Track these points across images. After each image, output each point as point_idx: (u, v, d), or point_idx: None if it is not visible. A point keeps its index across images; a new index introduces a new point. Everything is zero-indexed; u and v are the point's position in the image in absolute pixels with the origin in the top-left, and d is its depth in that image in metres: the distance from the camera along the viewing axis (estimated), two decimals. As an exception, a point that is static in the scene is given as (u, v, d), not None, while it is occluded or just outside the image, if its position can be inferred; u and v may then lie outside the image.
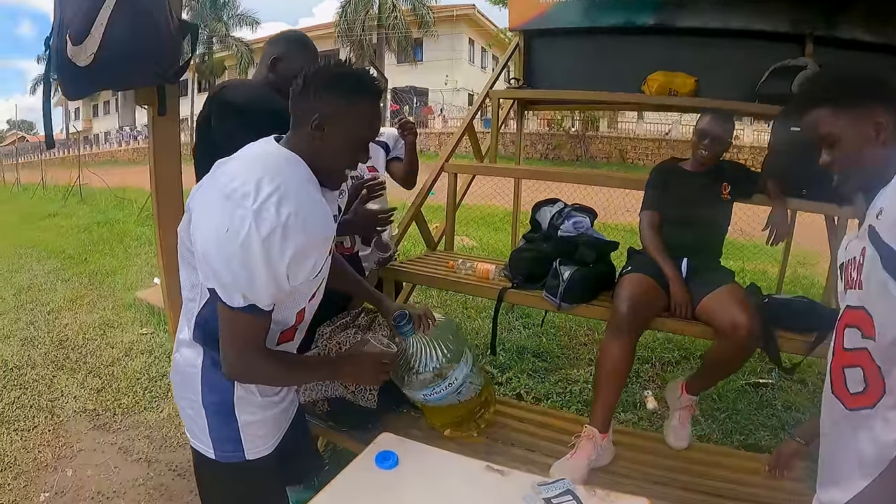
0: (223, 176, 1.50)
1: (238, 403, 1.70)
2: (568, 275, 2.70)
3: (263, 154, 1.57)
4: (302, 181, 1.53)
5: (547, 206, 3.10)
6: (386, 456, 1.78)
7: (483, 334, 5.09)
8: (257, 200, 1.40)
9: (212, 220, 1.45)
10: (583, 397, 3.92)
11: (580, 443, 2.45)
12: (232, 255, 1.41)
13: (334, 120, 1.56)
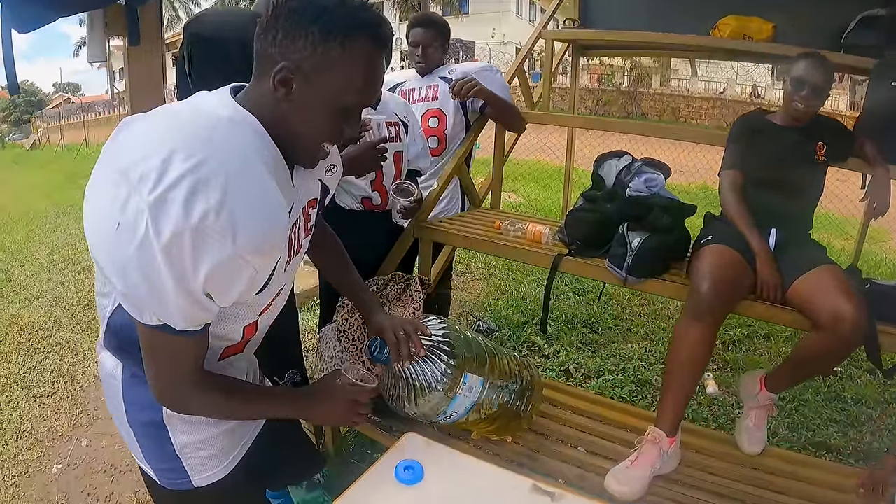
0: (126, 141, 1.06)
1: (170, 421, 1.32)
2: (638, 242, 2.27)
3: (194, 111, 1.11)
4: (244, 158, 1.05)
5: (612, 160, 2.63)
6: (409, 466, 1.42)
7: (530, 300, 4.73)
8: (158, 187, 0.95)
9: (100, 209, 1.03)
10: (637, 376, 3.59)
11: (643, 447, 2.10)
12: (127, 262, 0.99)
13: (306, 73, 1.11)
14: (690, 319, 2.09)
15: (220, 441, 1.39)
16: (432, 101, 3.17)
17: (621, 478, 2.01)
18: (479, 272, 5.45)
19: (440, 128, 3.17)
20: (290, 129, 1.16)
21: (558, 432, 2.34)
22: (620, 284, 2.34)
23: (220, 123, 1.07)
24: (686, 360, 2.09)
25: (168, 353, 1.14)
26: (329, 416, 1.55)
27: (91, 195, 1.05)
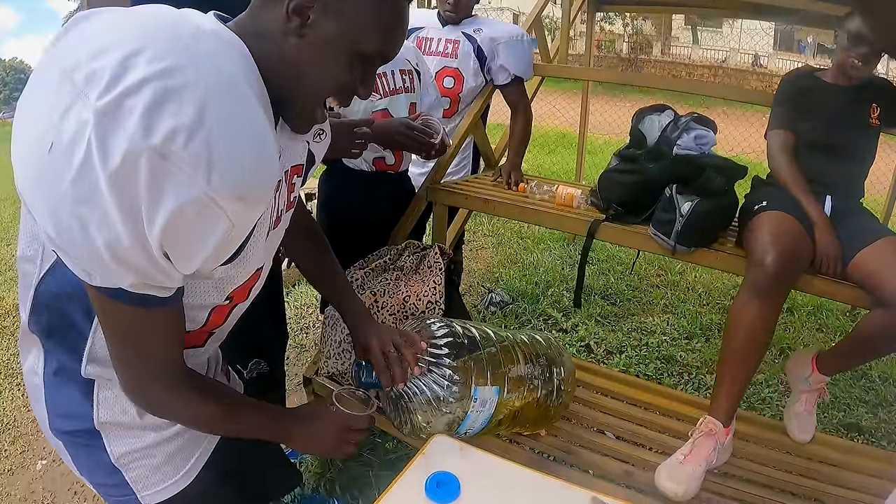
0: (77, 37, 0.76)
1: (103, 428, 1.05)
2: (688, 207, 1.98)
3: (173, 13, 0.81)
4: (231, 77, 0.78)
5: (654, 115, 2.33)
6: (442, 481, 1.15)
7: (543, 270, 4.45)
8: (112, 90, 0.68)
9: (31, 127, 0.74)
10: (661, 352, 3.36)
11: (697, 440, 1.85)
12: (61, 198, 0.71)
13: (327, 3, 0.88)
14: (751, 296, 1.84)
15: (164, 448, 1.11)
16: (451, 58, 2.84)
17: (675, 475, 1.76)
18: (488, 240, 5.17)
19: (455, 89, 2.87)
20: (294, 72, 0.91)
21: (592, 419, 2.09)
22: (668, 254, 2.07)
23: (202, 35, 0.78)
24: (745, 343, 1.84)
25: (128, 332, 0.89)
26: (317, 444, 1.27)
27: (22, 108, 0.76)
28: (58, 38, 0.78)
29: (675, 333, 3.58)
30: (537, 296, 4.00)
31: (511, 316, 3.75)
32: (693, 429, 1.89)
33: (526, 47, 2.88)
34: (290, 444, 1.35)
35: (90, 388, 1.03)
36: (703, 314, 3.80)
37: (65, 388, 1.03)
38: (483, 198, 2.46)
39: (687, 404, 2.19)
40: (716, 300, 4.03)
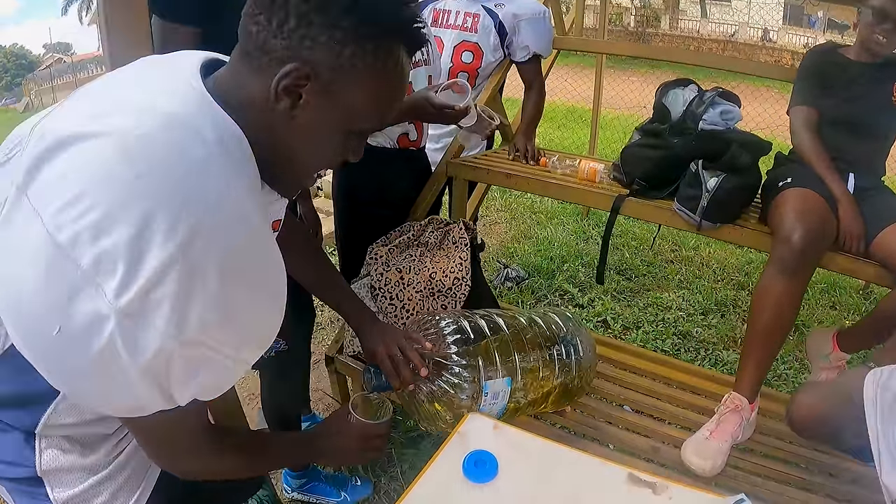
0: (57, 179, 0.68)
1: (46, 476, 0.99)
2: (715, 182, 1.97)
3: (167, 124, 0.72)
4: (245, 218, 0.76)
5: (678, 89, 2.29)
6: (480, 460, 1.14)
7: (557, 245, 4.43)
8: (132, 286, 0.64)
9: (27, 292, 0.68)
10: (678, 328, 3.36)
11: (723, 415, 1.86)
12: (75, 371, 0.70)
13: (324, 82, 0.80)
14: (777, 273, 1.83)
15: (108, 486, 1.05)
16: (470, 32, 2.78)
17: (702, 450, 1.77)
18: (501, 215, 5.14)
19: (473, 64, 2.82)
20: (284, 152, 0.86)
21: (615, 394, 2.09)
22: (693, 230, 2.06)
23: (207, 155, 0.73)
24: (771, 320, 1.83)
25: (157, 433, 0.90)
26: (343, 458, 1.39)
27: (7, 251, 0.71)
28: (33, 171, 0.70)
29: (691, 309, 3.58)
30: (552, 271, 3.99)
31: (527, 291, 3.74)
32: (718, 405, 1.89)
33: (547, 25, 2.84)
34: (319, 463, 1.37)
35: (32, 437, 0.98)
36: (718, 290, 3.79)
37: (6, 436, 0.98)
38: (505, 172, 2.44)
39: (707, 380, 2.19)
40: (730, 276, 4.02)
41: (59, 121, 0.74)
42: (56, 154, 0.68)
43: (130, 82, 0.83)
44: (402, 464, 2.31)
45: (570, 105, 8.42)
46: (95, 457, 1.02)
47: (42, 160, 0.68)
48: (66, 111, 0.78)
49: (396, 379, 1.38)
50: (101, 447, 1.03)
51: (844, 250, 1.95)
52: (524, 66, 2.86)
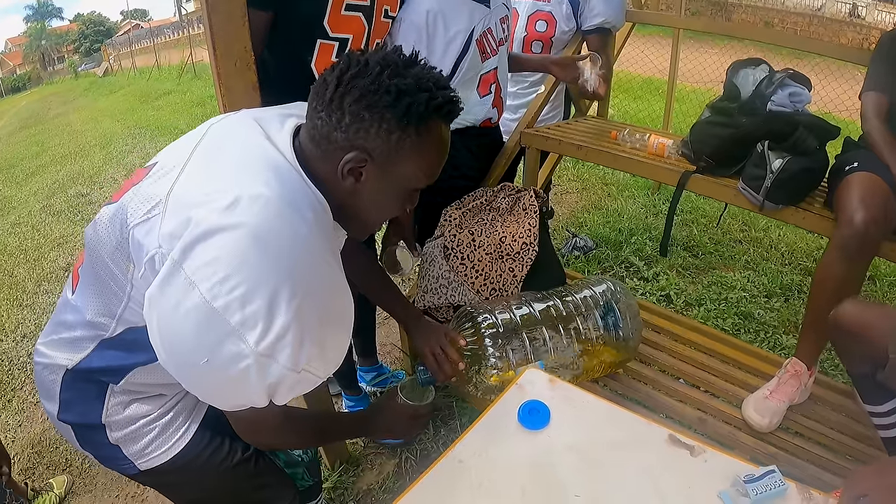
0: (210, 262, 0.92)
1: (108, 422, 1.25)
2: (780, 164, 2.00)
3: (274, 209, 0.96)
4: (332, 284, 1.06)
5: (749, 69, 2.29)
6: (534, 408, 1.26)
7: (626, 217, 4.47)
8: (267, 337, 0.93)
9: (179, 333, 0.96)
10: (740, 308, 3.34)
11: (782, 377, 1.98)
12: (205, 378, 1.01)
13: (379, 162, 1.04)
14: (839, 256, 1.87)
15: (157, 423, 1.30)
16: (544, 2, 2.85)
17: (761, 407, 1.92)
18: (572, 185, 5.18)
19: (547, 33, 2.87)
20: (353, 212, 1.12)
21: (670, 365, 2.17)
22: (755, 210, 2.09)
23: (308, 233, 1.00)
24: (831, 300, 1.82)
25: (250, 418, 1.14)
26: (393, 432, 1.58)
27: (164, 311, 0.96)
28: (187, 253, 0.93)
29: (755, 290, 3.56)
30: (620, 243, 4.03)
31: (594, 261, 3.81)
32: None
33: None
34: (371, 437, 1.96)
35: (104, 391, 1.22)
36: (784, 273, 3.75)
37: (79, 388, 1.22)
38: (577, 144, 2.51)
39: (762, 360, 2.23)
40: (798, 260, 3.96)
41: (196, 200, 0.97)
42: (205, 240, 0.92)
43: (238, 157, 1.04)
44: (462, 417, 2.44)
45: (647, 77, 8.31)
46: (149, 407, 1.27)
47: (194, 244, 0.92)
48: (195, 184, 1.00)
49: (440, 373, 1.61)
50: (156, 401, 1.28)
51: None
52: (591, 36, 2.87)
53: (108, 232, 1.06)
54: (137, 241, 0.99)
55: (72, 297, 1.19)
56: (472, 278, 2.01)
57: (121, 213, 1.04)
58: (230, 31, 1.50)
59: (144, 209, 1.00)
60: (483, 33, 2.07)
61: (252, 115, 1.14)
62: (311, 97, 1.05)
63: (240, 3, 1.49)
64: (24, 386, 3.21)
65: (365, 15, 1.86)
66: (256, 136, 1.06)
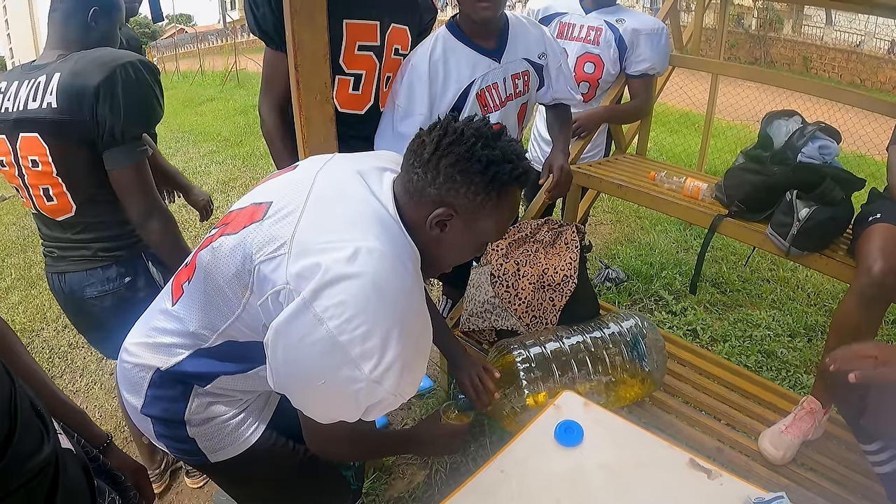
0: (339, 303, 1.08)
1: (190, 419, 1.40)
2: (806, 213, 2.13)
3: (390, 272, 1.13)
4: (425, 327, 1.23)
5: (782, 120, 2.44)
6: (569, 427, 1.41)
7: (658, 251, 4.58)
8: (379, 367, 1.10)
9: (305, 358, 1.11)
10: (764, 346, 3.43)
11: (798, 414, 2.07)
12: (318, 396, 1.18)
13: (464, 218, 1.21)
14: (857, 304, 1.97)
15: (232, 421, 1.44)
16: (593, 45, 3.00)
17: (776, 441, 2.01)
18: (607, 216, 5.30)
19: (595, 75, 3.03)
20: (434, 255, 1.27)
21: (693, 397, 2.28)
22: (782, 255, 2.22)
23: (411, 284, 1.17)
24: (849, 340, 1.93)
25: (325, 431, 1.28)
26: (435, 449, 1.74)
27: (290, 339, 1.11)
28: (318, 294, 1.08)
29: (780, 329, 3.63)
30: (651, 276, 4.13)
31: (624, 293, 3.91)
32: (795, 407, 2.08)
33: (665, 42, 3.01)
34: (416, 453, 2.21)
35: (189, 392, 1.36)
36: (810, 314, 3.83)
37: (164, 389, 1.36)
38: (617, 183, 2.66)
39: (781, 397, 2.32)
40: (823, 301, 4.03)
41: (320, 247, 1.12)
42: (333, 286, 1.07)
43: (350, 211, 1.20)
44: (492, 434, 2.57)
45: (685, 110, 8.39)
46: (227, 408, 1.42)
47: (323, 288, 1.07)
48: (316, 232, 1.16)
49: (478, 402, 1.79)
50: (234, 404, 1.43)
51: None
52: (635, 80, 3.05)
53: (229, 260, 1.21)
54: (263, 275, 1.15)
55: (172, 307, 1.34)
56: (515, 305, 2.14)
57: (244, 246, 1.19)
58: (312, 67, 1.70)
59: (271, 248, 1.15)
60: (486, 87, 2.13)
61: (354, 168, 1.30)
62: (408, 154, 1.23)
63: (322, 42, 1.69)
64: (64, 375, 3.33)
65: (376, 53, 2.08)
66: (362, 190, 1.23)
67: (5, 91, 1.75)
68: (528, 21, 2.26)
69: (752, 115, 7.08)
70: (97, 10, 1.80)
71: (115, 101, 1.66)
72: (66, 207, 1.83)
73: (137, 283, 1.97)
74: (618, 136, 3.24)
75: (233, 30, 31.80)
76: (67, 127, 1.67)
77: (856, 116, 5.83)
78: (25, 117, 1.69)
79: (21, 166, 1.78)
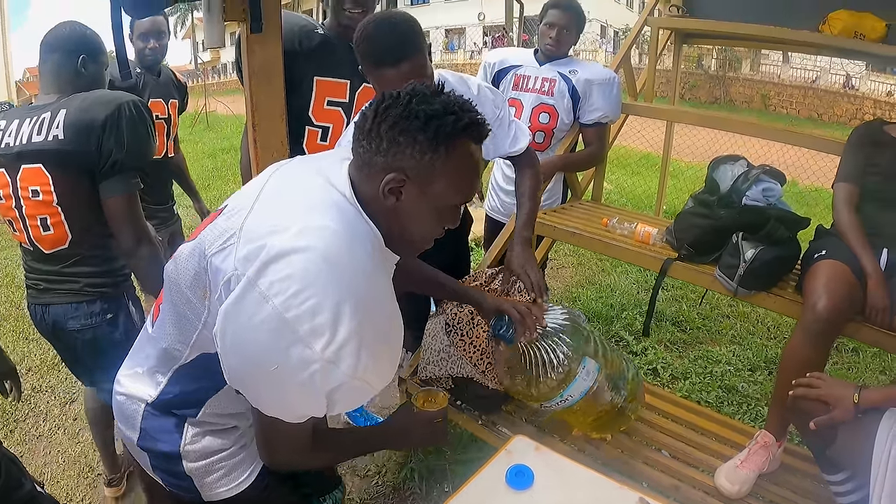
0: (284, 280, 1.05)
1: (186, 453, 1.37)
2: (752, 254, 2.22)
3: (343, 245, 1.10)
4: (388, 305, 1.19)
5: (728, 165, 2.53)
6: (520, 471, 1.44)
7: (619, 293, 4.67)
8: (332, 344, 1.04)
9: (252, 344, 1.07)
10: (724, 382, 3.50)
11: (752, 448, 2.11)
12: (277, 390, 1.11)
13: (415, 181, 1.15)
14: (803, 340, 2.05)
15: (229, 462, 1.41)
16: (547, 95, 3.09)
17: (732, 476, 2.04)
18: (568, 259, 5.38)
19: (550, 125, 3.11)
20: (400, 228, 1.21)
21: (650, 437, 2.31)
22: (730, 295, 2.29)
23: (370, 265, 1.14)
24: (797, 376, 1.99)
25: (286, 435, 1.24)
26: (412, 441, 1.72)
27: (238, 323, 1.08)
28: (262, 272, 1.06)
29: (740, 364, 3.70)
30: (611, 318, 4.20)
31: (584, 336, 3.95)
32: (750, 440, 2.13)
33: (616, 91, 3.12)
34: (392, 448, 1.96)
35: (182, 424, 1.35)
36: (770, 347, 3.91)
37: (159, 421, 1.35)
38: (570, 231, 2.74)
39: (737, 432, 2.37)
40: (784, 334, 4.10)
41: (267, 230, 1.10)
42: (278, 261, 1.05)
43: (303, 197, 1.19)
44: (455, 478, 2.58)
45: (645, 152, 8.57)
46: (223, 442, 1.38)
47: (268, 264, 1.05)
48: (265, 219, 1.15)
49: (522, 324, 1.78)
50: (230, 434, 1.39)
51: (870, 323, 2.12)
52: (588, 128, 3.14)
53: (188, 264, 1.20)
54: (215, 268, 1.13)
55: (151, 330, 1.36)
56: (471, 353, 2.16)
57: (199, 246, 1.18)
58: (269, 126, 1.79)
59: (221, 240, 1.14)
60: None
61: (313, 165, 1.29)
62: (353, 132, 1.20)
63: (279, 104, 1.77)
64: (27, 419, 3.27)
65: (344, 109, 2.22)
66: (319, 180, 1.21)
67: (5, 129, 1.92)
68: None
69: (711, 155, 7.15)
70: (85, 57, 1.98)
71: (120, 133, 1.85)
72: (62, 238, 1.97)
73: (118, 320, 2.09)
74: (573, 183, 3.32)
75: (204, 71, 31.79)
76: (72, 157, 1.85)
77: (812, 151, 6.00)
78: (29, 149, 1.86)
79: (20, 198, 1.92)
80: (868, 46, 3.70)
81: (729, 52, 22.30)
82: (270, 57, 1.86)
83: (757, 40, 5.05)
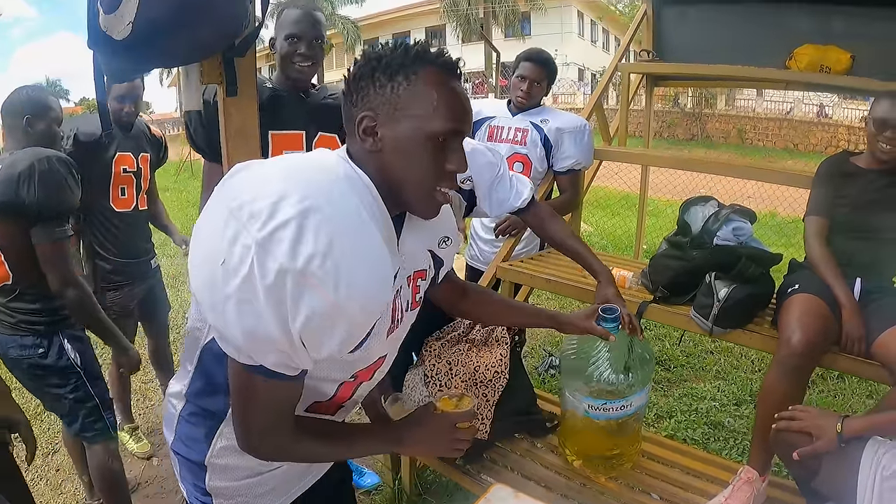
0: (241, 182, 1.04)
1: (210, 465, 1.32)
2: (725, 293, 2.25)
3: (310, 163, 1.08)
4: (359, 216, 1.03)
5: (698, 206, 2.59)
6: (500, 520, 1.44)
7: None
8: (267, 225, 0.94)
9: (207, 245, 1.01)
10: (710, 418, 3.52)
11: (736, 485, 2.14)
12: (227, 297, 0.97)
13: (385, 116, 1.12)
14: (779, 375, 2.07)
15: (253, 491, 1.35)
16: (520, 145, 3.16)
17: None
18: (550, 304, 5.40)
19: (524, 173, 3.15)
20: (394, 177, 1.14)
21: (638, 480, 2.34)
22: (706, 334, 2.33)
23: (338, 180, 1.05)
24: (775, 410, 2.00)
25: (261, 398, 1.11)
26: (428, 446, 1.44)
27: (199, 232, 1.05)
28: (226, 178, 1.06)
29: (725, 399, 3.72)
30: (590, 357, 4.19)
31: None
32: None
33: (588, 138, 3.19)
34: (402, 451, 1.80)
35: (215, 429, 1.29)
36: (754, 381, 3.93)
37: (194, 429, 1.32)
38: (546, 277, 2.77)
39: (725, 470, 2.39)
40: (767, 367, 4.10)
41: None
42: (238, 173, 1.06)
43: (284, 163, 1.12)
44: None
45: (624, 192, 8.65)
46: (252, 463, 1.30)
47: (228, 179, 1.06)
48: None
49: (629, 324, 1.93)
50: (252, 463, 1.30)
51: (846, 352, 2.13)
52: (562, 176, 3.22)
53: None
54: None
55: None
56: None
57: None
58: None
59: None
60: None
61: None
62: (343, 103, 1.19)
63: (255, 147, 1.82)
64: None
65: None
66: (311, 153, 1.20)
67: None
68: None
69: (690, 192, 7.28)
70: (30, 117, 2.25)
71: (32, 185, 2.05)
72: (5, 276, 2.20)
73: (48, 356, 2.28)
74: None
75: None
76: (5, 207, 2.06)
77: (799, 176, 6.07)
78: None
79: None
80: (834, 79, 3.80)
81: (704, 90, 22.63)
82: (247, 118, 1.91)
83: (726, 80, 5.18)
